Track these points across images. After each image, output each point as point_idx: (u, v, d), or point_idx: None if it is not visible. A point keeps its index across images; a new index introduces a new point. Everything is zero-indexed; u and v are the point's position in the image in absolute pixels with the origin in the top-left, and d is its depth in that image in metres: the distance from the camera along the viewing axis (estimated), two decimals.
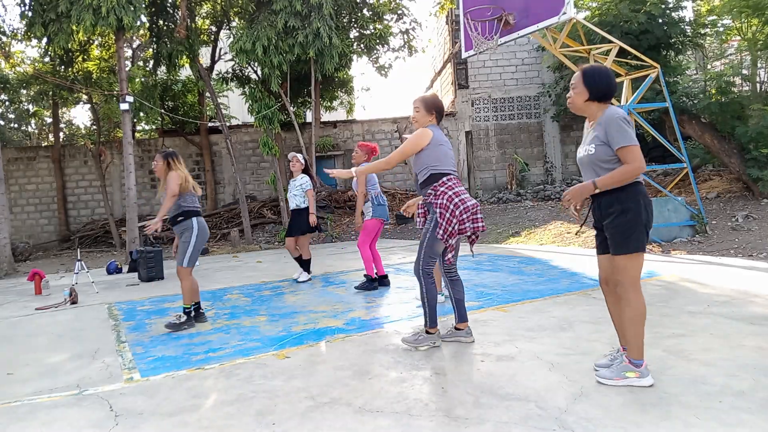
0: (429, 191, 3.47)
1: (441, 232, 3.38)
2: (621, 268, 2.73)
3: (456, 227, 3.38)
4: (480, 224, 3.44)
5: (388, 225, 13.39)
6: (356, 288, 5.86)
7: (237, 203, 14.42)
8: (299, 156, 6.73)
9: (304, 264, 6.78)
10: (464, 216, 3.37)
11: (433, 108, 3.58)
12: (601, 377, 2.80)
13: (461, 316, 3.67)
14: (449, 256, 3.56)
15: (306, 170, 6.70)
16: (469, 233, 3.45)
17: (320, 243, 12.35)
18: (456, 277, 3.70)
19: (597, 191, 2.72)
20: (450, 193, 3.40)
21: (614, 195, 2.71)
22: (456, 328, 3.70)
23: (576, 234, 9.10)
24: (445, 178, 3.44)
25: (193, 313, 4.66)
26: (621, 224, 2.70)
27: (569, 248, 8.56)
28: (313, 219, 6.49)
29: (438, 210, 3.40)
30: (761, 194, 9.03)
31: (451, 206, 3.37)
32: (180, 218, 4.61)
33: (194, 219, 4.61)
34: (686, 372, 2.87)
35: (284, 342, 3.98)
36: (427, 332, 3.57)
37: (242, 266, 9.09)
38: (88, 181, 16.23)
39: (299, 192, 6.57)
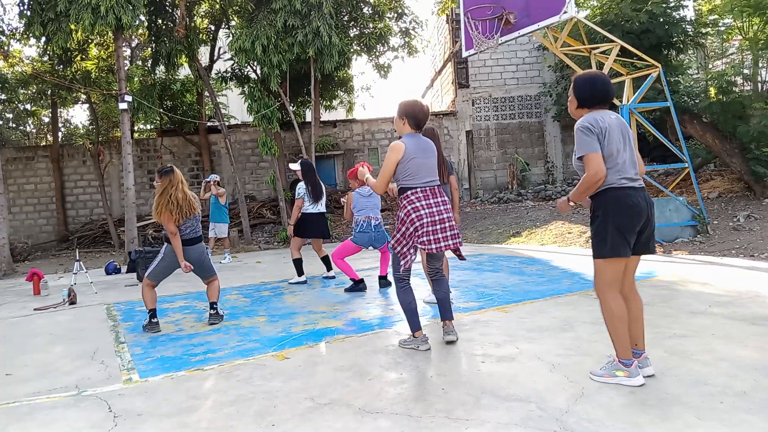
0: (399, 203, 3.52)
1: (393, 242, 3.49)
2: (596, 271, 2.84)
3: (406, 243, 3.43)
4: (443, 243, 3.40)
5: (387, 226, 13.37)
6: (346, 290, 5.88)
7: (236, 203, 14.40)
8: (292, 166, 6.68)
9: (327, 261, 6.77)
10: (414, 235, 3.39)
11: (404, 115, 3.50)
12: (592, 374, 2.87)
13: (443, 314, 3.72)
14: (402, 262, 3.48)
15: (307, 175, 6.49)
16: (426, 249, 3.42)
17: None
18: (437, 277, 3.76)
19: (572, 204, 2.91)
20: (409, 207, 3.41)
21: (592, 201, 2.83)
22: (443, 325, 3.75)
23: None
24: (409, 192, 3.43)
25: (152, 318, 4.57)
26: (593, 229, 2.82)
27: (570, 248, 8.54)
28: (290, 230, 6.61)
29: (396, 223, 3.50)
30: (762, 194, 9.01)
31: (407, 221, 3.41)
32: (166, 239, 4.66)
33: (166, 245, 4.58)
34: (687, 372, 2.86)
35: (284, 343, 3.97)
36: (413, 336, 3.61)
37: (241, 266, 9.08)
38: (86, 181, 16.21)
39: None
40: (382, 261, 6.00)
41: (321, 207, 6.57)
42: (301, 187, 6.50)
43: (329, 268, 6.79)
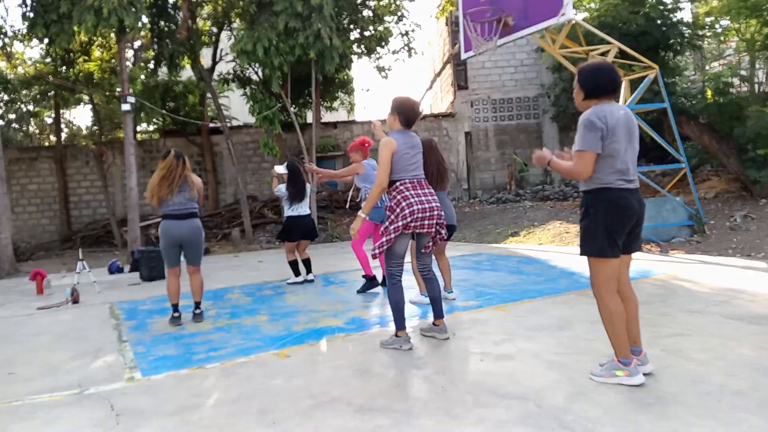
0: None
1: (382, 230, 3.60)
2: (591, 271, 2.84)
3: (399, 224, 3.49)
4: (426, 228, 3.54)
5: None
6: (358, 291, 5.80)
7: (238, 203, 14.43)
8: (277, 169, 6.74)
9: (307, 264, 6.83)
10: (408, 218, 3.48)
11: (397, 111, 3.68)
12: (592, 374, 2.87)
13: (437, 313, 3.81)
14: (384, 240, 3.60)
15: (293, 178, 6.59)
16: (411, 230, 3.56)
17: (321, 243, 12.37)
18: (429, 276, 3.82)
19: (548, 167, 2.87)
20: (399, 197, 3.55)
21: (585, 196, 2.82)
22: (434, 324, 3.85)
23: None
24: (397, 183, 3.58)
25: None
26: (584, 225, 2.81)
27: (568, 248, 8.56)
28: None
29: (387, 212, 3.62)
30: (759, 195, 9.04)
31: (397, 209, 3.53)
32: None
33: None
34: (685, 371, 2.88)
35: (285, 341, 4.01)
36: (395, 335, 3.65)
37: (243, 266, 9.11)
38: (89, 182, 16.25)
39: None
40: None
41: (305, 209, 6.63)
42: (280, 189, 6.63)
43: (309, 271, 6.80)
